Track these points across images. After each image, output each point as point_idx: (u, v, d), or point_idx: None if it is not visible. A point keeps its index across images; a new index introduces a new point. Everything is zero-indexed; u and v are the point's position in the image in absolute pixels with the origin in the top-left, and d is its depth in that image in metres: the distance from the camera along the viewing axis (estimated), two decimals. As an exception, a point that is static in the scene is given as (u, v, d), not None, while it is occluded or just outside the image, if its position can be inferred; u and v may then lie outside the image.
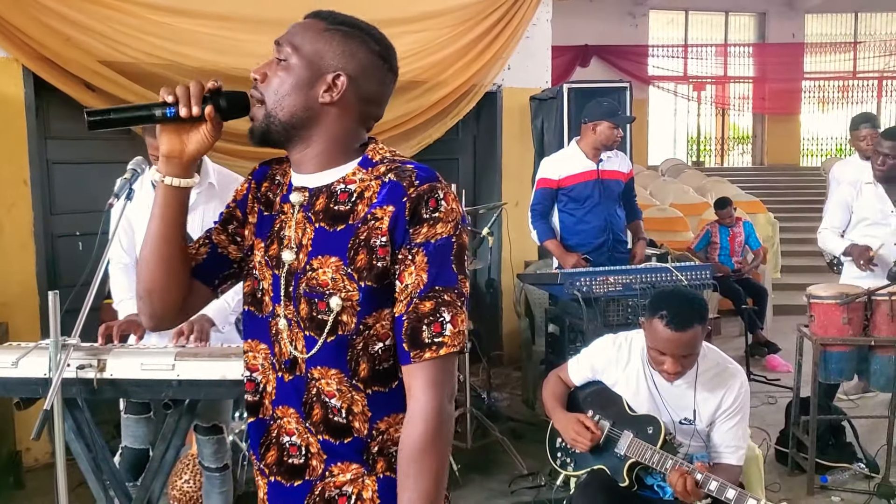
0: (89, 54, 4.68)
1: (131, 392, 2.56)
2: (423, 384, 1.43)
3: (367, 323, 1.46)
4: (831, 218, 4.75)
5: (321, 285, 1.46)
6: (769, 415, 5.42)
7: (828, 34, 17.23)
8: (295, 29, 1.53)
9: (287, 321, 1.51)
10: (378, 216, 1.45)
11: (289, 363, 1.51)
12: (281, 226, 1.55)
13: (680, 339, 2.63)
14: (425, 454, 1.42)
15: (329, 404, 1.49)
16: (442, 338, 1.43)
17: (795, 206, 12.67)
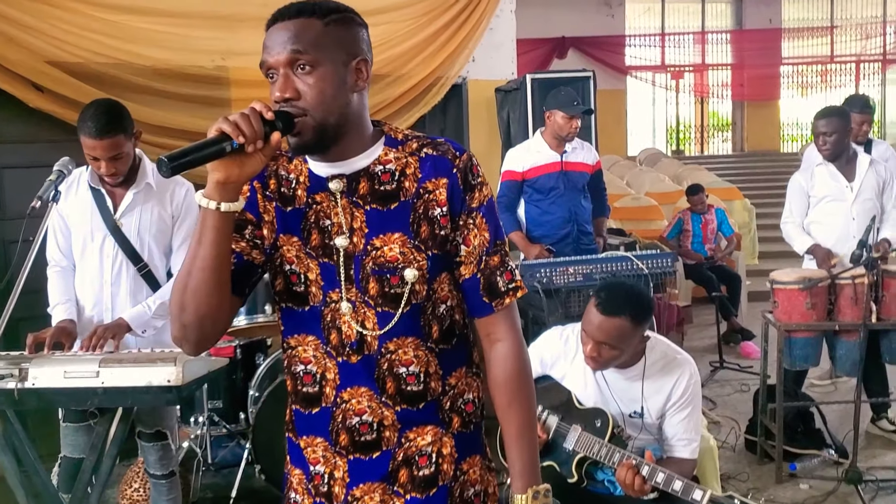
0: (35, 54, 4.57)
1: (56, 401, 2.47)
2: (507, 326, 1.64)
3: (434, 288, 1.59)
4: (791, 208, 4.71)
5: (391, 261, 1.55)
6: (741, 403, 5.37)
7: (805, 19, 17.22)
8: (298, 35, 1.48)
9: (351, 303, 1.55)
10: (430, 189, 1.56)
11: (356, 344, 1.56)
12: (318, 216, 1.57)
13: (602, 324, 2.58)
14: (522, 385, 1.64)
15: (402, 375, 1.58)
16: (514, 283, 1.64)
17: (775, 191, 12.56)
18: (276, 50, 1.48)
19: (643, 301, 2.69)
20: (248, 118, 1.39)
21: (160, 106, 5.03)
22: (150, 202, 3.05)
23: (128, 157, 2.92)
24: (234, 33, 5.37)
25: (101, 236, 3.00)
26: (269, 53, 1.48)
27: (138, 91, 4.94)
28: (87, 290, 3.05)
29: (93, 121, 2.80)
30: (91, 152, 2.86)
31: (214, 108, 5.29)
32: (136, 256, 3.03)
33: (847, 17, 17.18)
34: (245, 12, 5.39)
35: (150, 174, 3.06)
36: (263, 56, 1.50)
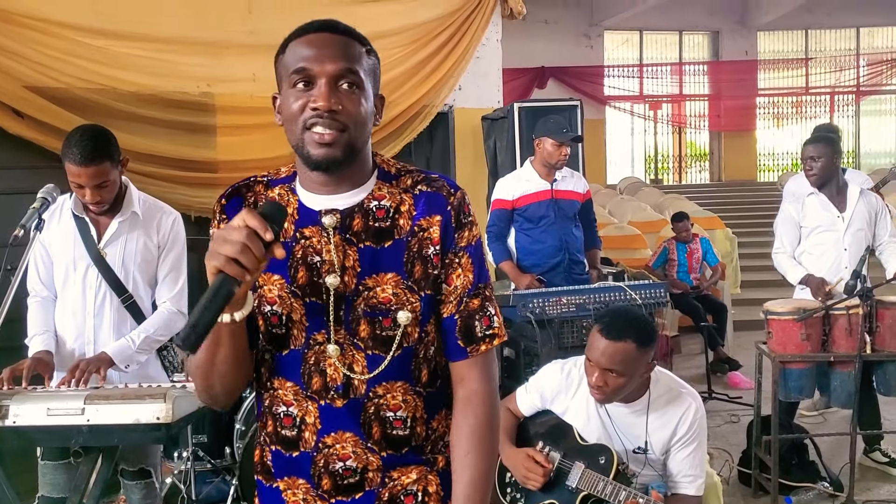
0: (15, 79, 4.47)
1: (38, 440, 2.35)
2: (479, 374, 1.57)
3: (426, 331, 1.53)
4: (783, 238, 4.68)
5: (383, 302, 1.48)
6: (732, 434, 5.31)
7: (780, 51, 17.49)
8: (349, 53, 1.46)
9: (339, 345, 1.48)
10: (424, 227, 1.51)
11: (342, 388, 1.49)
12: (306, 252, 1.49)
13: (607, 350, 2.52)
14: (484, 436, 1.54)
15: (388, 419, 1.51)
16: (492, 330, 1.57)
17: (753, 220, 12.71)
18: (328, 59, 1.43)
19: (647, 325, 2.63)
20: (249, 249, 1.26)
21: (144, 133, 4.94)
22: (136, 231, 2.95)
23: (114, 185, 2.82)
24: (219, 60, 5.31)
25: (84, 266, 2.89)
26: (317, 61, 1.42)
27: (121, 117, 4.85)
28: (69, 321, 2.93)
29: (78, 147, 2.69)
30: (76, 179, 2.76)
31: (199, 135, 5.22)
32: (121, 287, 2.92)
33: (821, 50, 17.46)
34: (231, 39, 5.34)
35: (136, 202, 2.96)
36: (305, 63, 1.43)
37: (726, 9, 16.30)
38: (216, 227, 1.54)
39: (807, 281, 4.46)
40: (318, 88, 1.42)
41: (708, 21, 16.68)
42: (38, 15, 4.60)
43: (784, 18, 16.07)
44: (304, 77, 1.43)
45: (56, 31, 4.66)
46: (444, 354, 1.59)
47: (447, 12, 6.29)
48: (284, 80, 1.47)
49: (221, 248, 1.26)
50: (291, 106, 1.43)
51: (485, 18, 6.49)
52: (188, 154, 5.15)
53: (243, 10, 5.48)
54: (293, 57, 1.45)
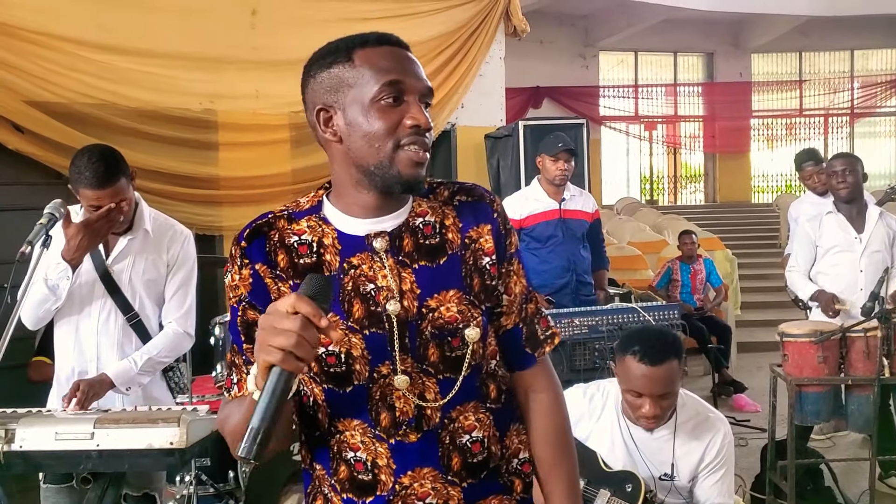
0: (15, 93, 4.41)
1: (45, 465, 2.25)
2: (547, 376, 1.55)
3: (488, 343, 1.47)
4: (797, 257, 4.64)
5: (450, 322, 1.40)
6: (741, 458, 5.20)
7: (774, 73, 17.54)
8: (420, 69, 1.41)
9: (407, 374, 1.38)
10: (475, 238, 1.45)
11: (414, 421, 1.39)
12: (357, 282, 1.38)
13: (656, 375, 2.41)
14: (567, 441, 1.55)
15: (466, 445, 1.42)
16: (551, 329, 1.56)
17: (750, 242, 12.71)
18: (416, 76, 1.37)
19: (675, 337, 2.57)
20: (305, 341, 1.16)
21: (145, 149, 4.89)
22: (146, 249, 2.86)
23: (131, 201, 2.76)
24: (222, 76, 5.26)
25: (90, 282, 2.79)
26: (410, 76, 1.36)
27: (122, 133, 4.80)
28: (72, 339, 2.83)
29: (91, 170, 2.61)
30: (95, 203, 2.67)
31: (201, 152, 5.16)
32: (127, 305, 2.83)
33: (815, 72, 17.53)
34: (234, 55, 5.30)
35: (147, 220, 2.88)
36: (398, 75, 1.34)
37: (721, 31, 16.34)
38: (237, 273, 1.39)
39: (817, 297, 4.40)
40: (412, 105, 1.35)
41: (702, 43, 16.73)
42: (40, 29, 4.56)
43: (778, 41, 16.13)
44: (397, 91, 1.34)
45: (58, 45, 4.61)
46: (508, 367, 1.53)
47: (451, 30, 6.28)
48: (359, 91, 1.35)
49: (274, 341, 1.15)
50: (377, 121, 1.33)
51: (489, 36, 6.48)
52: (190, 170, 5.09)
53: (246, 27, 5.44)
54: (378, 68, 1.34)
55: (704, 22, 15.52)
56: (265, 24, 5.44)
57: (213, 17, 5.25)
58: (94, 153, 2.66)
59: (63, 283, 2.70)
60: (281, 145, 5.41)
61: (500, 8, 6.51)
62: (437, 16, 6.23)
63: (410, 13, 6.07)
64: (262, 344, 1.17)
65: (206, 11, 5.20)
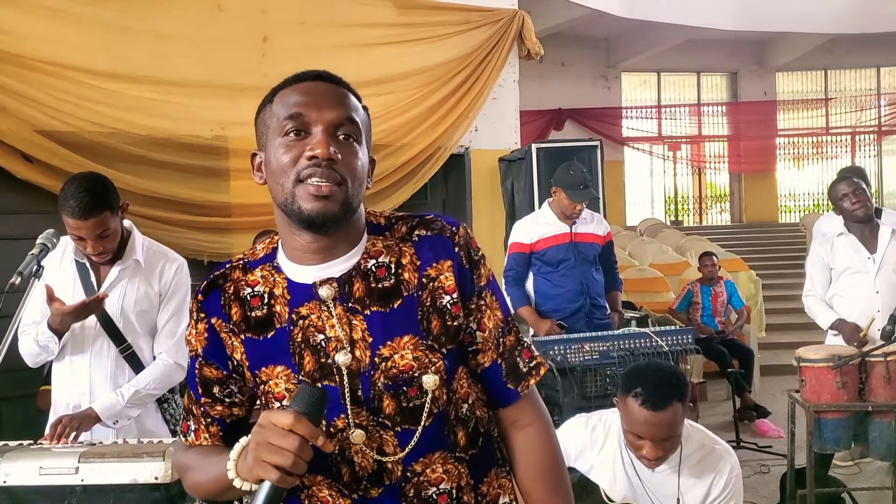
0: (26, 123, 4.44)
1: (29, 501, 2.20)
2: (533, 410, 1.46)
3: (453, 389, 1.38)
4: (813, 281, 4.54)
5: (404, 370, 1.33)
6: (763, 486, 5.09)
7: (799, 91, 17.36)
8: (348, 104, 1.35)
9: (363, 429, 1.32)
10: (433, 276, 1.36)
11: (374, 476, 1.33)
12: (307, 333, 1.33)
13: (658, 421, 2.33)
14: (560, 472, 1.47)
15: (432, 497, 1.35)
16: (535, 360, 1.47)
17: (776, 262, 12.52)
18: (326, 106, 1.30)
19: (681, 378, 2.46)
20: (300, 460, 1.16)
21: (156, 176, 4.89)
22: (137, 279, 2.82)
23: (115, 233, 2.71)
24: (233, 102, 5.27)
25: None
26: (314, 107, 1.29)
27: (133, 161, 4.81)
28: (66, 371, 2.81)
29: (75, 199, 2.58)
30: (75, 232, 2.65)
31: (212, 179, 5.16)
32: (119, 337, 2.79)
33: (841, 90, 17.34)
34: (245, 82, 5.31)
35: (139, 250, 2.84)
36: (300, 108, 1.29)
37: (744, 50, 16.23)
38: (193, 328, 1.40)
39: (839, 327, 4.29)
40: (315, 137, 1.29)
41: (726, 62, 16.62)
42: (50, 59, 4.60)
43: (803, 59, 16.00)
44: (299, 124, 1.29)
45: (68, 74, 4.64)
46: (491, 404, 1.46)
47: (463, 53, 6.26)
48: (272, 130, 1.32)
49: (270, 458, 1.15)
50: (281, 157, 1.29)
51: (501, 59, 6.45)
52: (201, 198, 5.09)
53: (257, 54, 5.46)
54: (285, 104, 1.32)
55: (728, 41, 15.43)
56: (276, 51, 5.45)
57: (223, 44, 5.27)
58: (83, 183, 2.63)
59: (52, 345, 2.71)
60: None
61: (513, 31, 6.49)
62: (449, 40, 6.22)
63: (422, 38, 6.07)
64: (257, 459, 1.16)
65: (216, 39, 5.22)
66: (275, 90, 1.37)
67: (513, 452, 1.46)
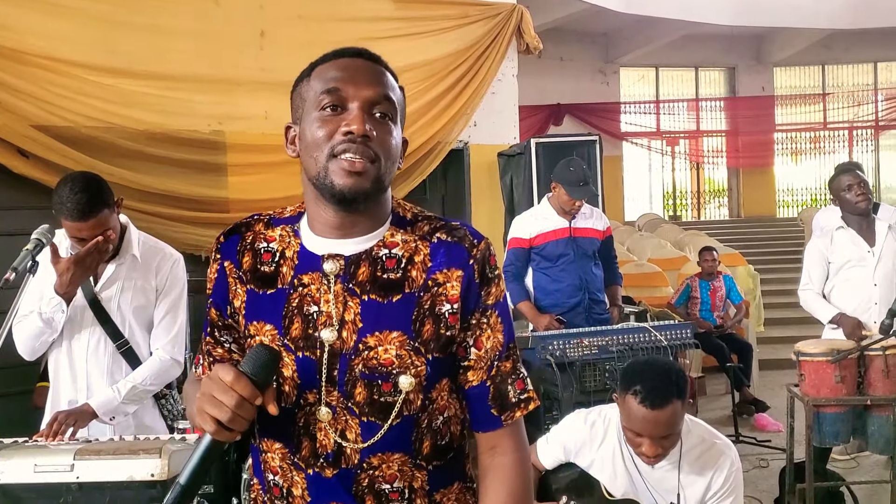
0: (22, 118, 4.41)
1: (24, 499, 2.18)
2: (514, 442, 1.41)
3: (431, 397, 1.36)
4: (810, 275, 4.53)
5: (384, 364, 1.32)
6: (762, 480, 5.08)
7: (797, 86, 17.35)
8: (385, 82, 1.35)
9: (331, 408, 1.32)
10: (440, 282, 1.34)
11: (332, 456, 1.33)
12: (302, 301, 1.34)
13: (657, 419, 2.31)
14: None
15: (384, 492, 1.35)
16: (527, 393, 1.42)
17: (774, 257, 12.52)
18: (363, 83, 1.31)
19: (681, 375, 2.45)
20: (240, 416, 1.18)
21: (153, 171, 4.87)
22: (134, 275, 2.81)
23: (116, 229, 2.70)
24: (230, 97, 5.25)
25: (79, 310, 2.75)
26: (352, 83, 1.31)
27: (130, 156, 4.78)
28: (64, 367, 2.79)
29: (73, 202, 2.56)
30: (77, 234, 2.63)
31: (210, 174, 5.14)
32: (116, 332, 2.78)
33: (839, 85, 17.33)
34: (243, 76, 5.29)
35: (135, 245, 2.83)
36: (337, 83, 1.31)
37: (742, 45, 16.21)
38: (212, 273, 1.42)
39: (839, 321, 4.28)
40: (351, 113, 1.30)
41: (724, 57, 16.60)
42: (46, 53, 4.56)
43: (800, 54, 15.98)
44: (336, 99, 1.31)
45: (65, 69, 4.61)
46: (471, 425, 1.43)
47: (462, 48, 6.23)
48: (309, 104, 1.34)
49: (210, 410, 1.18)
50: (317, 131, 1.30)
51: (500, 54, 6.42)
52: (199, 193, 5.06)
53: (255, 48, 5.43)
54: (322, 79, 1.33)
55: (725, 37, 15.39)
56: (274, 45, 5.42)
57: (221, 38, 5.23)
58: (77, 184, 2.61)
59: (58, 315, 2.66)
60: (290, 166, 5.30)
61: (511, 25, 6.46)
62: (447, 34, 6.19)
63: (420, 32, 6.04)
64: (199, 409, 1.19)
65: (213, 33, 5.19)
66: (313, 64, 1.38)
67: (483, 478, 1.43)
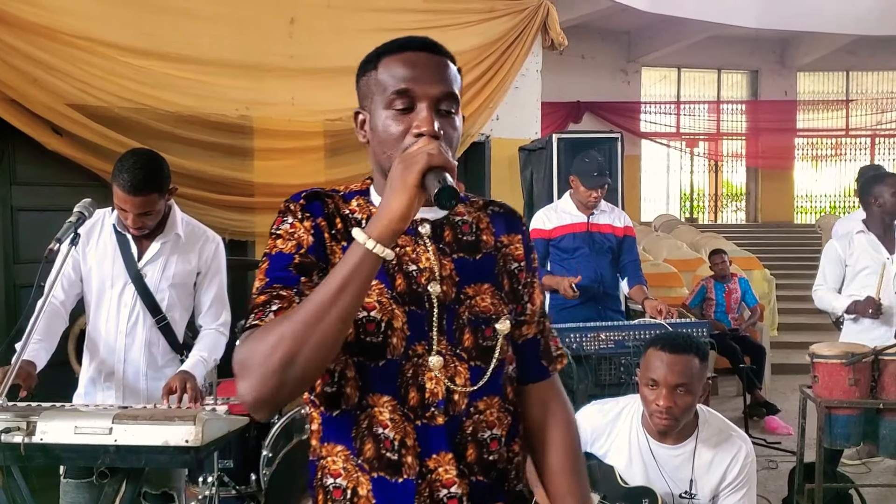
0: (57, 96, 4.51)
1: (64, 459, 2.29)
2: (559, 392, 1.60)
3: (509, 345, 1.49)
4: (825, 275, 4.54)
5: (484, 311, 1.45)
6: (770, 481, 5.13)
7: (820, 92, 17.27)
8: (451, 76, 1.42)
9: (441, 356, 1.40)
10: (506, 243, 1.52)
11: (443, 403, 1.39)
12: (401, 260, 1.42)
13: (673, 363, 2.42)
14: (581, 457, 1.62)
15: (485, 440, 1.43)
16: (559, 349, 1.62)
17: (791, 262, 12.49)
18: (430, 81, 1.38)
19: (701, 342, 2.57)
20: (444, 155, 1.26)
21: (182, 153, 4.95)
22: (177, 253, 2.91)
23: (158, 213, 2.79)
24: (259, 83, 5.32)
25: (121, 283, 2.84)
26: (420, 83, 1.37)
27: (160, 137, 4.87)
28: (101, 337, 2.88)
29: (129, 174, 2.65)
30: (121, 204, 2.72)
31: (236, 158, 5.22)
32: (156, 308, 2.87)
33: (863, 92, 17.23)
34: (271, 62, 5.36)
35: (179, 224, 2.92)
36: (407, 84, 1.37)
37: (766, 48, 16.16)
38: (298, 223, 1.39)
39: (854, 308, 4.31)
40: (420, 112, 1.37)
41: (747, 60, 16.54)
42: (83, 34, 4.65)
43: (825, 59, 15.91)
44: (406, 101, 1.38)
45: (100, 50, 4.70)
46: (522, 378, 1.55)
47: (488, 42, 6.28)
48: (378, 99, 1.41)
49: (418, 153, 1.24)
50: (390, 128, 1.38)
51: (525, 49, 6.47)
52: (225, 176, 5.15)
53: (284, 35, 5.50)
54: (391, 75, 1.39)
55: (750, 39, 15.35)
56: (303, 32, 5.49)
57: (251, 25, 5.31)
58: (140, 160, 2.70)
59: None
60: (316, 152, 5.45)
61: (537, 21, 6.51)
62: (474, 27, 6.25)
63: (447, 24, 6.09)
64: (407, 163, 1.24)
65: (244, 19, 5.27)
66: (379, 53, 1.43)
67: (544, 427, 1.56)
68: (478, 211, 1.54)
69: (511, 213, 1.58)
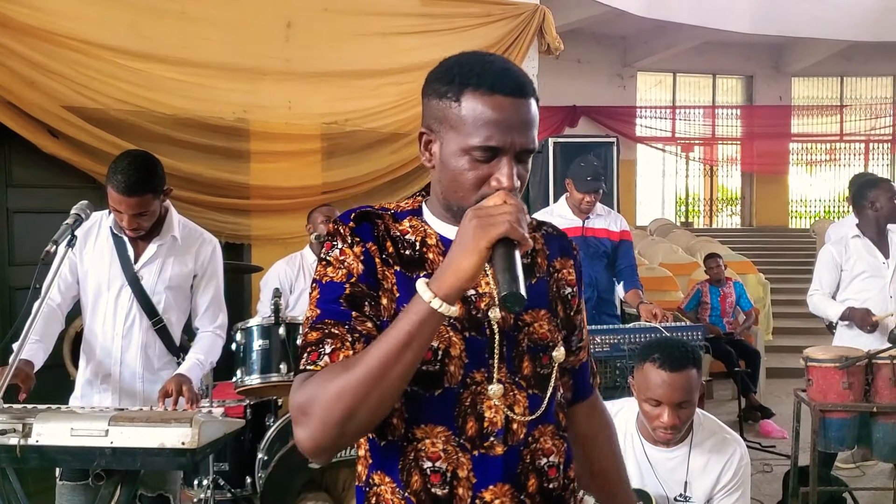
0: (53, 99, 4.49)
1: (60, 461, 2.29)
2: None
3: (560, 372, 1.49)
4: (821, 280, 4.56)
5: (542, 338, 1.42)
6: (765, 484, 5.14)
7: (814, 97, 17.35)
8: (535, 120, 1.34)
9: (501, 384, 1.36)
10: (558, 268, 1.50)
11: (502, 432, 1.36)
12: None
13: (675, 382, 2.38)
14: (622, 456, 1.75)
15: (543, 469, 1.41)
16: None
17: (785, 267, 12.55)
18: (517, 132, 1.29)
19: (696, 349, 2.55)
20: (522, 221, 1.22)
21: (177, 155, 4.94)
22: (173, 256, 2.92)
23: (153, 214, 2.80)
24: (255, 86, 5.32)
25: (117, 286, 2.85)
26: (506, 134, 1.28)
27: (156, 140, 4.86)
28: (97, 340, 2.89)
29: (123, 175, 2.66)
30: (116, 206, 2.73)
31: (233, 161, 5.22)
32: (153, 310, 2.88)
33: (857, 97, 17.31)
34: (268, 66, 5.36)
35: (176, 227, 2.93)
36: (492, 134, 1.28)
37: (761, 54, 16.23)
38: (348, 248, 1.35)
39: (849, 315, 4.32)
40: (502, 166, 1.29)
41: (742, 65, 16.61)
42: (80, 36, 4.65)
43: (819, 65, 15.99)
44: (490, 154, 1.29)
45: (97, 52, 4.69)
46: (574, 398, 1.61)
47: (485, 46, 6.27)
48: (454, 134, 1.31)
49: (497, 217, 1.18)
50: (466, 173, 1.30)
51: (521, 54, 6.46)
52: (221, 179, 5.14)
53: (280, 38, 5.50)
54: (476, 119, 1.29)
55: (745, 45, 15.42)
56: (300, 36, 5.49)
57: (248, 28, 5.31)
58: (134, 161, 2.71)
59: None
60: (312, 156, 5.45)
61: (533, 26, 6.50)
62: (471, 31, 6.24)
63: (444, 29, 6.09)
64: (483, 222, 1.18)
65: (241, 23, 5.26)
66: (462, 83, 1.31)
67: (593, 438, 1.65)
68: (532, 231, 1.47)
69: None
